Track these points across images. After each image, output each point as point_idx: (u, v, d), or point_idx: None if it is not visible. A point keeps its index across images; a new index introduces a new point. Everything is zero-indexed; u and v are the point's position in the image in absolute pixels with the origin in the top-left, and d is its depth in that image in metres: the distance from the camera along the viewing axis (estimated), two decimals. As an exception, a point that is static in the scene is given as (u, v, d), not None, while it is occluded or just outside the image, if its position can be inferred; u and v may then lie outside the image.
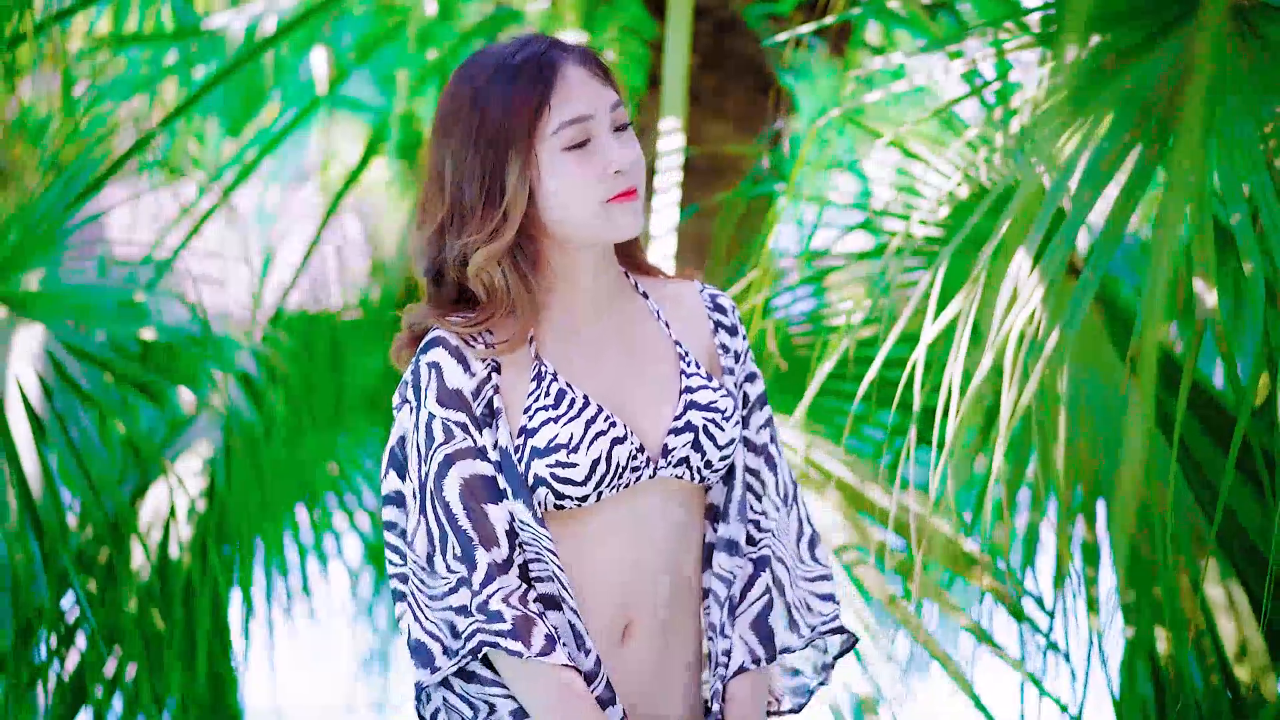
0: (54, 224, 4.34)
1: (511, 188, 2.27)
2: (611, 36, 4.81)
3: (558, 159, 2.27)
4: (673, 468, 2.36)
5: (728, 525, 2.44)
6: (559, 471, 2.29)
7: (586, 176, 2.27)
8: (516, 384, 2.34)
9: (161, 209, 5.14)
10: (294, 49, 5.93)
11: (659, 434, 2.36)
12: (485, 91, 2.28)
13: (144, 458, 4.33)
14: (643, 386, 2.38)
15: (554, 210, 2.29)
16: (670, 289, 2.49)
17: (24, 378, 3.98)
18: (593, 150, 2.28)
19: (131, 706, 4.21)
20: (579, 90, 2.27)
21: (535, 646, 2.26)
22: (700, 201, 4.57)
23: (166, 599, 4.25)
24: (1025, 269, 2.57)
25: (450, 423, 2.30)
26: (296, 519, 4.77)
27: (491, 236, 2.28)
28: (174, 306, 4.56)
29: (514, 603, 2.28)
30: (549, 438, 2.29)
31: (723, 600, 2.42)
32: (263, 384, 4.49)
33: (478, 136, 2.28)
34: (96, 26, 5.65)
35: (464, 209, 2.30)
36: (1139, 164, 2.61)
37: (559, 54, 2.30)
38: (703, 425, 2.36)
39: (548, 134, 2.26)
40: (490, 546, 2.29)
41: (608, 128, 2.29)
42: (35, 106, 4.78)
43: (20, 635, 4.03)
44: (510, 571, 2.29)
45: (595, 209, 2.28)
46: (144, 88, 5.51)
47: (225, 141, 6.16)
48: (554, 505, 2.31)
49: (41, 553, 3.94)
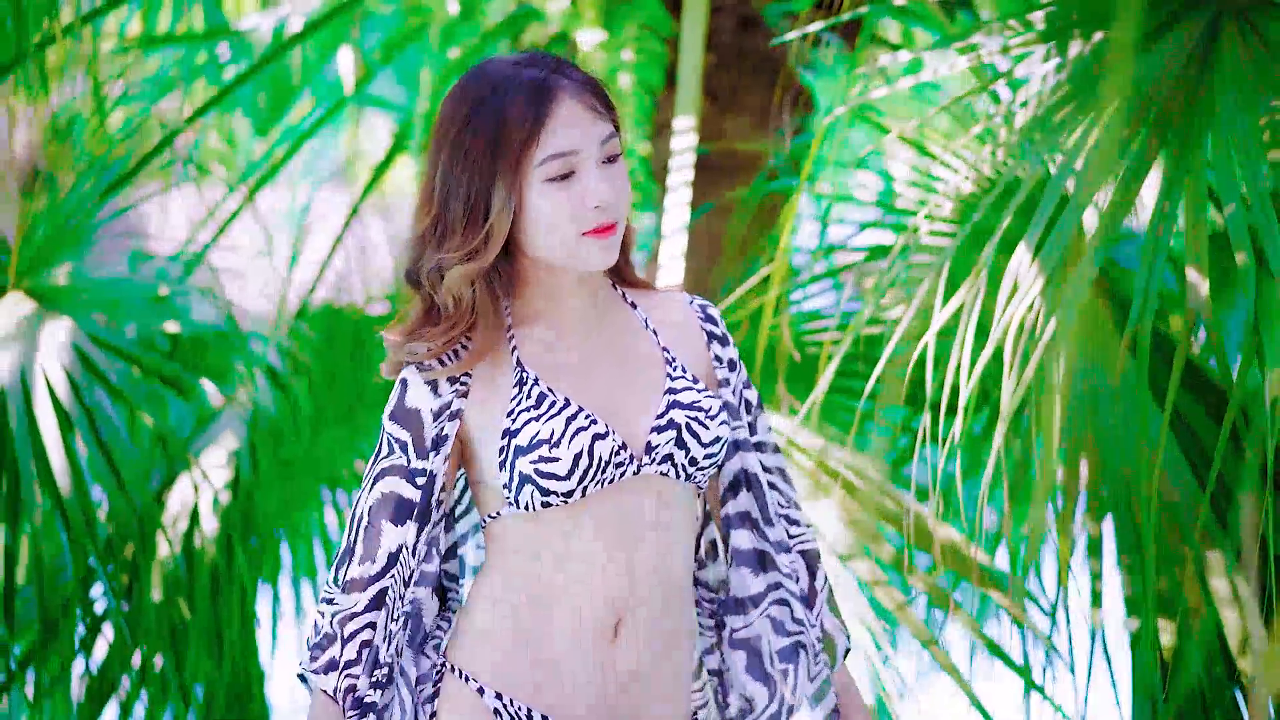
0: (82, 220, 4.38)
1: (496, 211, 2.30)
2: (630, 34, 4.82)
3: (541, 189, 2.30)
4: (657, 465, 2.39)
5: (773, 528, 2.51)
6: (542, 467, 2.32)
7: (566, 209, 2.30)
8: (495, 394, 2.40)
9: (191, 206, 5.21)
10: (320, 49, 5.99)
11: (643, 433, 2.40)
12: (481, 111, 2.31)
13: (171, 451, 4.36)
14: (632, 394, 2.43)
15: (532, 236, 2.33)
16: (659, 300, 2.54)
17: (52, 371, 4.03)
18: (575, 184, 2.31)
19: (158, 698, 4.23)
20: (570, 124, 2.30)
21: (317, 663, 2.40)
22: (715, 198, 4.60)
23: (193, 591, 4.28)
24: (1026, 261, 2.60)
25: (394, 439, 2.39)
26: (321, 511, 4.78)
27: (470, 256, 2.33)
28: (201, 302, 4.60)
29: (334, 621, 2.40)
30: (530, 435, 2.33)
31: (799, 595, 2.51)
32: (287, 377, 4.53)
33: (468, 156, 2.31)
34: (127, 28, 5.72)
35: (448, 223, 2.34)
36: (1138, 157, 2.65)
37: (558, 82, 2.32)
38: (685, 423, 2.40)
39: (534, 164, 2.30)
40: (364, 561, 2.39)
41: (595, 162, 2.32)
42: (68, 107, 4.76)
43: (49, 627, 4.07)
44: (364, 591, 2.39)
45: (571, 241, 2.32)
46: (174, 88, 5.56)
47: (255, 141, 6.23)
48: (541, 504, 2.34)
49: (70, 545, 3.97)
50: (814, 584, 2.55)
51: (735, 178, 4.82)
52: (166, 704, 4.25)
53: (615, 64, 4.81)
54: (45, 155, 4.53)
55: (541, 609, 2.39)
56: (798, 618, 2.51)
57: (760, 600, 2.50)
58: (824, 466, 3.20)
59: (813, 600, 2.55)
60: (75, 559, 3.97)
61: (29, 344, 4.09)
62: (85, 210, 4.41)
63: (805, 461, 3.26)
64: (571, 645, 2.39)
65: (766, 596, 2.51)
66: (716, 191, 4.76)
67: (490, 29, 5.17)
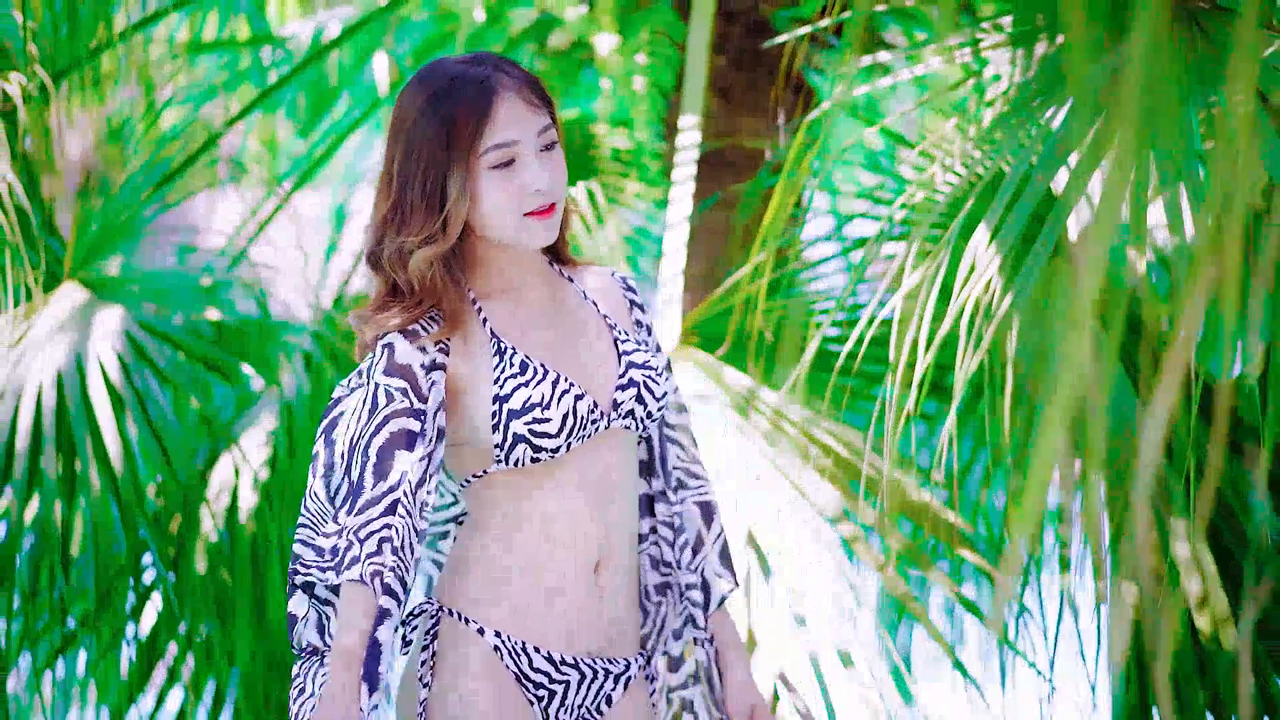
0: (133, 216, 4.48)
1: (453, 198, 2.50)
2: (644, 39, 4.94)
3: (488, 175, 2.51)
4: (622, 419, 2.64)
5: (659, 479, 2.78)
6: (535, 427, 2.55)
7: (509, 193, 2.52)
8: (472, 362, 2.58)
9: (236, 203, 5.36)
10: (356, 55, 6.13)
11: (608, 391, 2.65)
12: (432, 106, 2.52)
13: (214, 431, 4.44)
14: (587, 356, 2.67)
15: (483, 219, 2.54)
16: (590, 273, 2.78)
17: (105, 356, 4.14)
18: (516, 170, 2.52)
19: (203, 662, 4.32)
20: (511, 115, 2.52)
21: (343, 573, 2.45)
22: (721, 192, 4.78)
23: (234, 563, 4.35)
24: (984, 243, 2.83)
25: (392, 389, 2.50)
26: None
27: (428, 240, 2.52)
28: (244, 292, 4.68)
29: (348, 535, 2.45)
30: (523, 399, 2.55)
31: (676, 542, 2.76)
32: (321, 364, 4.57)
33: (421, 147, 2.51)
34: (176, 35, 5.80)
35: (406, 210, 2.53)
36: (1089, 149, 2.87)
37: (500, 78, 2.53)
38: (643, 381, 2.66)
39: (481, 153, 2.50)
40: (377, 484, 2.47)
41: (534, 150, 2.53)
42: (120, 110, 4.92)
43: (102, 596, 4.16)
44: (378, 504, 2.46)
45: (515, 221, 2.54)
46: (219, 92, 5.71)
47: (296, 141, 6.38)
48: (530, 459, 2.56)
49: (121, 519, 4.06)
50: (706, 532, 2.80)
51: (745, 173, 4.95)
52: (210, 668, 4.34)
53: (630, 67, 4.96)
54: (99, 155, 4.66)
55: (531, 553, 2.62)
56: (667, 560, 2.78)
57: (644, 540, 2.79)
58: (809, 436, 3.43)
59: (699, 547, 2.79)
60: (126, 532, 4.07)
61: (83, 331, 4.18)
62: (136, 207, 4.53)
63: (792, 431, 3.49)
64: (560, 587, 2.62)
65: (648, 538, 2.79)
66: (725, 185, 4.91)
67: (515, 35, 5.30)
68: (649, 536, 2.80)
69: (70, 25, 4.28)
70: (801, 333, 3.28)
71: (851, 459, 3.45)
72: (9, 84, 4.20)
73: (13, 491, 3.96)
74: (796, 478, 3.48)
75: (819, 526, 3.44)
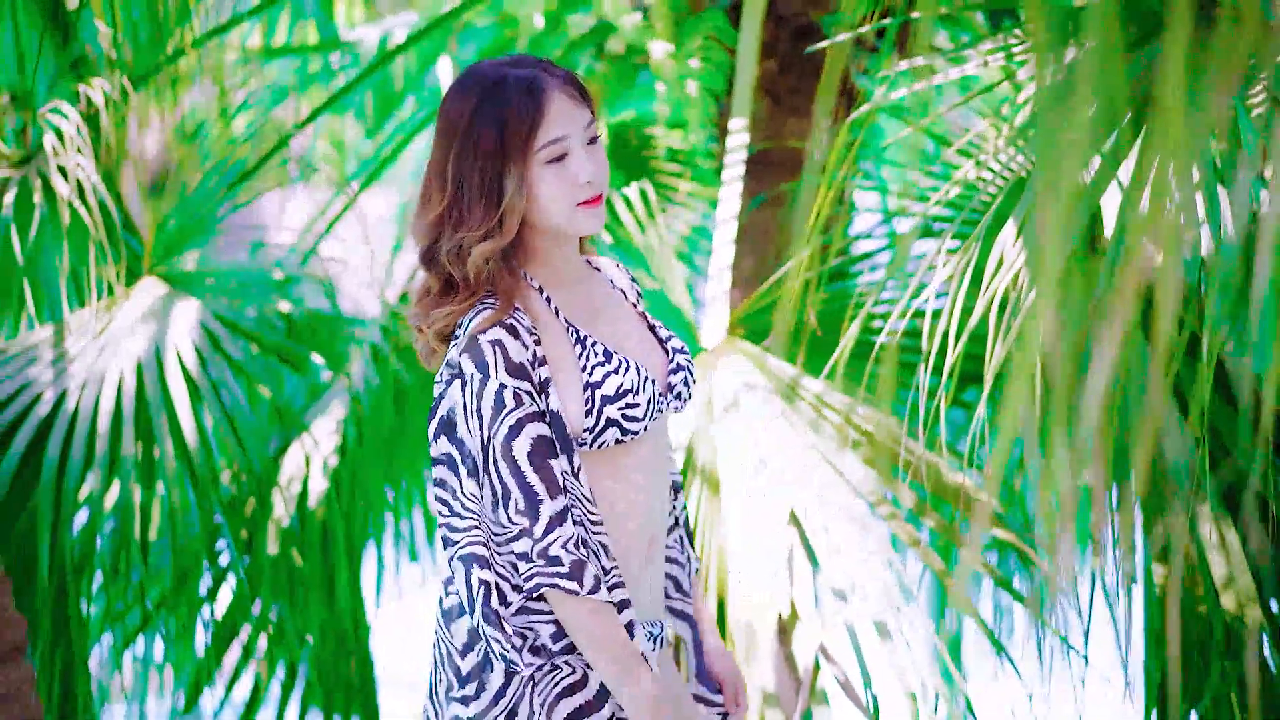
0: (208, 213, 4.59)
1: (510, 194, 2.61)
2: (697, 45, 5.03)
3: (542, 170, 2.63)
4: (674, 400, 2.80)
5: None
6: (628, 411, 2.69)
7: (562, 186, 2.64)
8: (554, 350, 2.70)
9: (305, 202, 5.45)
10: (421, 59, 6.21)
11: (662, 375, 2.80)
12: (483, 108, 2.61)
13: (286, 420, 4.55)
14: (638, 342, 2.82)
15: (537, 211, 2.65)
16: (605, 264, 2.93)
17: (182, 347, 4.26)
18: (568, 164, 2.64)
19: (275, 641, 4.45)
20: (561, 111, 2.63)
21: (586, 586, 2.62)
22: (768, 192, 4.88)
23: (304, 546, 4.44)
24: (1011, 238, 2.97)
25: (520, 391, 2.60)
26: (420, 477, 4.88)
27: (486, 235, 2.63)
28: (313, 287, 4.79)
29: (570, 548, 2.61)
30: (616, 386, 2.68)
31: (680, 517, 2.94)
32: (387, 355, 4.68)
33: (477, 148, 2.60)
34: (249, 40, 5.94)
35: (463, 207, 2.63)
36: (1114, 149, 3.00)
37: (545, 78, 2.65)
38: (686, 365, 2.84)
39: (536, 149, 2.62)
40: (555, 496, 2.61)
41: (581, 143, 2.65)
42: (195, 113, 5.00)
43: (179, 578, 4.30)
44: (567, 520, 2.61)
45: (568, 212, 2.66)
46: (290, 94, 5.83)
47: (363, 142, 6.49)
48: (615, 441, 2.69)
49: (197, 503, 4.14)
50: (678, 510, 2.96)
51: (793, 173, 5.03)
52: (283, 647, 4.46)
53: (684, 72, 5.04)
54: (175, 156, 4.73)
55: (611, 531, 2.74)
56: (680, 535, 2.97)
57: None
58: (850, 422, 3.57)
59: (673, 527, 2.96)
60: (202, 516, 4.16)
61: (161, 324, 4.30)
62: (211, 205, 4.63)
63: (834, 417, 3.64)
64: (625, 560, 2.76)
65: None
66: (774, 186, 4.98)
67: (574, 39, 5.39)
68: None
69: (149, 32, 4.39)
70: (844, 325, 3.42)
71: (889, 444, 3.59)
72: (92, 89, 4.35)
73: (94, 478, 4.02)
74: (837, 461, 3.61)
75: (858, 507, 3.58)
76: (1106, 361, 1.87)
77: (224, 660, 4.53)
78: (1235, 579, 3.41)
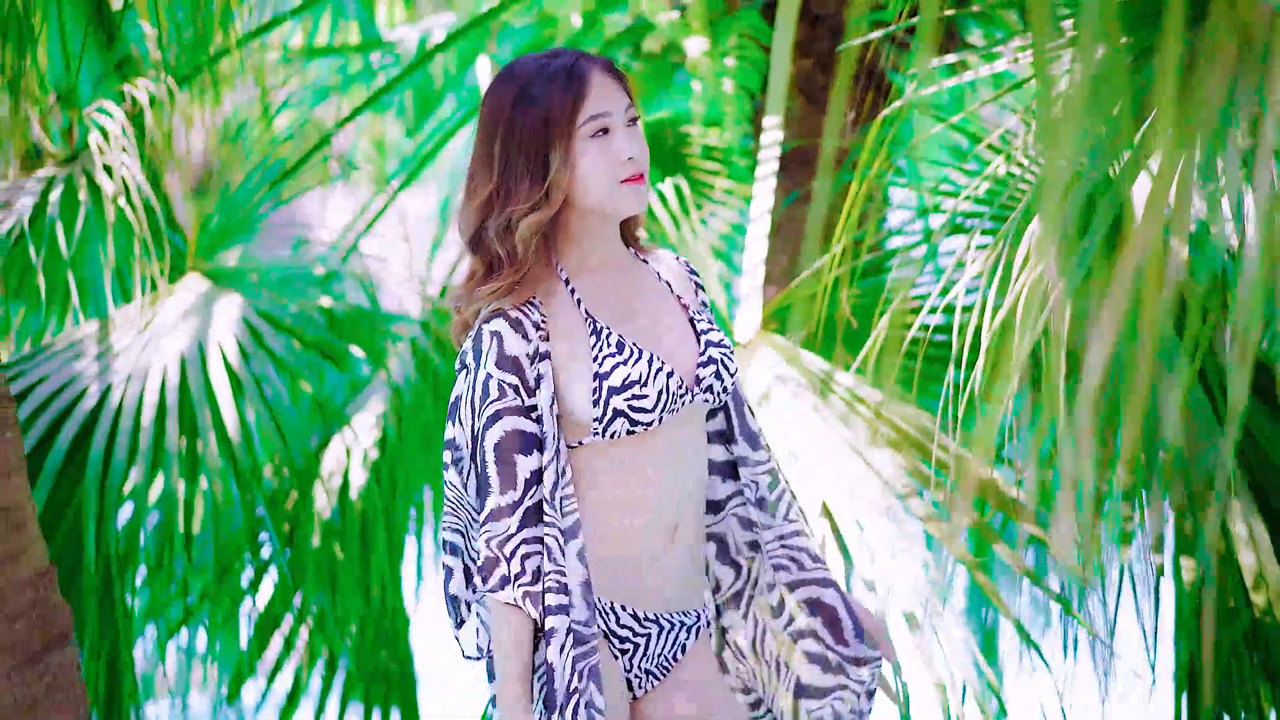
0: (250, 211, 4.67)
1: (555, 167, 2.68)
2: (732, 43, 5.07)
3: (585, 144, 2.70)
4: (704, 393, 2.84)
5: (738, 445, 2.95)
6: (634, 403, 2.74)
7: (605, 160, 2.71)
8: (569, 341, 2.76)
9: (346, 199, 5.50)
10: (461, 59, 6.27)
11: (690, 368, 2.84)
12: (527, 92, 2.70)
13: (327, 414, 4.62)
14: (668, 334, 2.85)
15: (579, 185, 2.72)
16: (658, 256, 2.96)
17: (225, 342, 4.33)
18: (610, 140, 2.72)
19: (316, 632, 4.53)
20: (602, 92, 2.71)
21: (489, 584, 2.68)
22: (802, 188, 4.91)
23: (345, 539, 4.50)
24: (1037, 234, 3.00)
25: (505, 383, 2.69)
26: None
27: (533, 208, 2.70)
28: (354, 284, 4.85)
29: (493, 545, 2.69)
30: (623, 377, 2.74)
31: (754, 500, 2.94)
32: (427, 351, 4.74)
33: (521, 130, 2.69)
34: (290, 41, 6.05)
35: (510, 184, 2.70)
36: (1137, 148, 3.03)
37: (587, 64, 2.73)
38: (720, 358, 2.87)
39: (580, 124, 2.69)
40: (506, 491, 2.68)
41: (623, 123, 2.73)
42: (238, 112, 5.07)
43: (222, 571, 4.35)
44: (507, 516, 2.68)
45: (611, 187, 2.72)
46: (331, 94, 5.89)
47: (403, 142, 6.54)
48: (626, 432, 2.75)
49: (240, 497, 4.19)
50: (788, 493, 2.99)
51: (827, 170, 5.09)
52: (323, 638, 4.54)
53: (720, 69, 5.08)
54: (218, 155, 4.81)
55: (619, 519, 2.80)
56: (753, 520, 2.97)
57: (726, 504, 2.98)
58: (881, 416, 3.61)
59: (789, 508, 2.98)
60: (244, 509, 4.22)
61: (205, 319, 4.37)
62: (253, 203, 4.71)
63: (865, 411, 3.68)
64: (644, 550, 2.82)
65: (731, 500, 2.98)
66: (808, 183, 5.02)
67: (611, 38, 5.44)
68: (733, 499, 2.99)
69: (192, 33, 4.44)
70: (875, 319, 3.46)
71: (920, 438, 3.63)
72: (136, 89, 4.44)
73: (138, 471, 4.08)
74: (868, 454, 3.65)
75: (888, 501, 3.61)
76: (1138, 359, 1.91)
77: (265, 651, 4.59)
78: (1265, 573, 3.44)
